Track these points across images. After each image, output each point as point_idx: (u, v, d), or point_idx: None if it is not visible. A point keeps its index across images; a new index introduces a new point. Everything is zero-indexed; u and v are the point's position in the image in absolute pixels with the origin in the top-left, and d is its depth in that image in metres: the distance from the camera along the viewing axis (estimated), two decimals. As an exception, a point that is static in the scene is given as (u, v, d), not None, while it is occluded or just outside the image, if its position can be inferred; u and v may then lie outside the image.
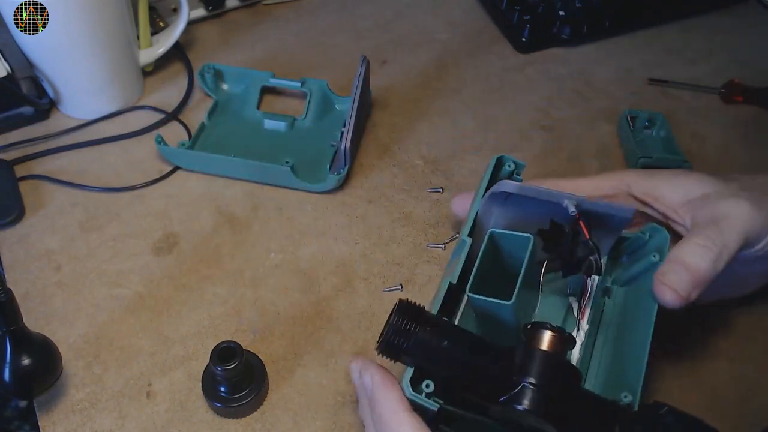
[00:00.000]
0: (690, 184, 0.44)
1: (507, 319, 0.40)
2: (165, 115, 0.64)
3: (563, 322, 0.45)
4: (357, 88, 0.57)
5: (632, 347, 0.40)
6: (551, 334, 0.36)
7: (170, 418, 0.45)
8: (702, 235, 0.41)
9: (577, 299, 0.44)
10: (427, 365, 0.37)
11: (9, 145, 0.60)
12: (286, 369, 0.48)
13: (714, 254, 0.40)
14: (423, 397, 0.37)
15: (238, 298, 0.52)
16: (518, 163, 0.46)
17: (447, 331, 0.37)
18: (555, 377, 0.35)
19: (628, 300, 0.45)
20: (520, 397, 0.34)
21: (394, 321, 0.37)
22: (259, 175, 0.58)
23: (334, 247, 0.55)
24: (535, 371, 0.34)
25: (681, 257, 0.41)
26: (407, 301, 0.38)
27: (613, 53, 0.73)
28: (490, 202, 0.43)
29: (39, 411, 0.45)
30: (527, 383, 0.34)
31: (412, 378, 0.37)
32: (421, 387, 0.37)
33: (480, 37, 0.74)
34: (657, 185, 0.46)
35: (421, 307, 0.38)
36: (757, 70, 0.70)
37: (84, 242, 0.54)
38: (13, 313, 0.40)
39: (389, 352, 0.37)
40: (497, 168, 0.45)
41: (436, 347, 0.36)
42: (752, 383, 0.48)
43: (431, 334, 0.36)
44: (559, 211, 0.41)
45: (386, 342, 0.37)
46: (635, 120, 0.63)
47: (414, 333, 0.36)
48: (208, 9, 0.73)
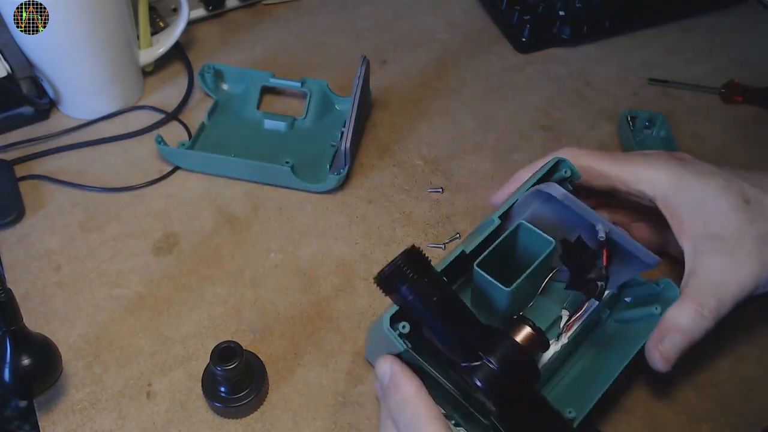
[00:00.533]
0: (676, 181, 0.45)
1: (500, 305, 0.43)
2: (165, 115, 0.64)
3: (547, 328, 0.46)
4: (357, 88, 0.57)
5: (600, 374, 0.43)
6: (530, 331, 0.39)
7: (170, 418, 0.45)
8: (698, 302, 0.43)
9: (570, 314, 0.45)
10: (411, 311, 0.39)
11: (9, 145, 0.60)
12: (286, 369, 0.48)
13: (708, 322, 0.42)
14: (396, 335, 0.38)
15: (238, 298, 0.52)
16: (575, 172, 0.46)
17: (441, 289, 0.39)
18: (514, 367, 0.37)
19: (617, 335, 0.46)
20: (477, 370, 0.37)
21: (398, 261, 0.38)
22: (259, 175, 0.58)
23: (334, 247, 0.55)
24: (499, 354, 0.37)
25: (680, 325, 0.43)
26: (417, 249, 0.39)
27: (613, 53, 0.73)
28: (533, 197, 0.45)
29: (39, 411, 0.45)
30: (488, 361, 0.37)
31: (394, 315, 0.39)
32: (398, 325, 0.39)
33: (480, 37, 0.74)
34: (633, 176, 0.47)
35: (428, 259, 0.39)
36: (757, 70, 0.71)
37: (84, 242, 0.54)
38: (13, 313, 0.40)
39: (383, 285, 0.39)
40: (553, 169, 0.46)
41: (426, 299, 0.38)
42: (753, 382, 0.48)
43: (425, 286, 0.38)
44: (588, 230, 0.43)
45: (383, 276, 0.39)
46: (635, 120, 0.63)
47: (410, 279, 0.38)
48: (208, 9, 0.73)
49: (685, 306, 0.43)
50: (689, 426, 0.46)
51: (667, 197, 0.45)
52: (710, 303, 0.42)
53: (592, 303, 0.44)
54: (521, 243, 0.46)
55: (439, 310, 0.38)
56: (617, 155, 0.48)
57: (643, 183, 0.46)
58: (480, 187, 0.60)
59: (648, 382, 0.48)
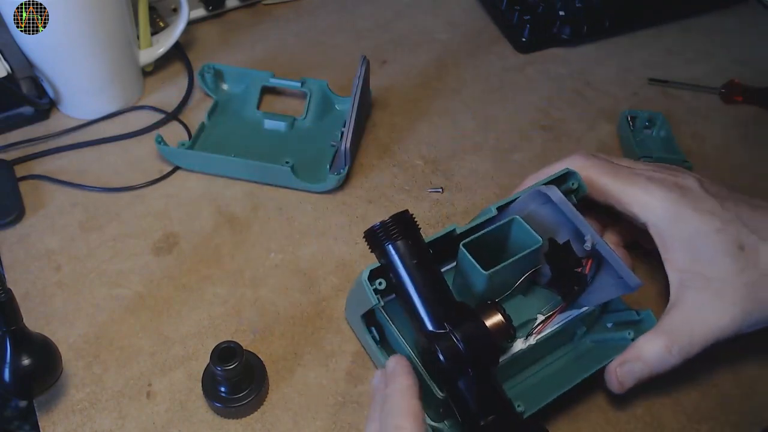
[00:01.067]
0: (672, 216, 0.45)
1: (477, 288, 0.44)
2: (165, 115, 0.64)
3: (520, 325, 0.46)
4: (357, 88, 0.57)
5: (561, 382, 0.44)
6: (500, 318, 0.40)
7: (170, 418, 0.45)
8: (670, 339, 0.43)
9: (544, 318, 0.46)
10: (391, 270, 0.41)
11: (9, 145, 0.60)
12: (286, 369, 0.48)
13: (675, 360, 0.43)
14: (371, 289, 0.41)
15: (238, 298, 0.52)
16: (582, 186, 0.47)
17: (422, 256, 0.41)
18: (476, 346, 0.38)
19: (589, 352, 0.47)
20: (440, 339, 0.38)
21: (388, 220, 0.41)
22: (259, 175, 0.58)
23: (334, 247, 0.55)
24: (464, 329, 0.38)
25: (645, 356, 0.43)
26: (410, 215, 0.41)
27: (613, 53, 0.73)
28: (533, 197, 0.46)
29: (39, 411, 0.45)
30: (453, 333, 0.38)
31: (375, 270, 0.41)
32: (376, 281, 0.41)
33: (480, 37, 0.74)
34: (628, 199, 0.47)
35: (417, 227, 0.42)
36: (757, 70, 0.71)
37: (84, 242, 0.54)
38: (13, 313, 0.40)
39: (369, 240, 0.42)
40: (563, 178, 0.47)
41: (406, 261, 0.40)
42: (753, 382, 0.48)
43: (409, 248, 0.40)
44: (579, 239, 0.44)
45: (371, 232, 0.41)
46: (635, 120, 0.63)
47: (396, 238, 0.40)
48: (208, 9, 0.73)
49: (656, 339, 0.43)
50: (689, 426, 0.46)
51: (658, 226, 0.45)
52: (682, 341, 0.43)
53: (569, 314, 0.45)
54: (513, 238, 0.47)
55: (417, 274, 0.40)
56: (622, 171, 0.48)
57: (636, 206, 0.46)
58: (480, 187, 0.60)
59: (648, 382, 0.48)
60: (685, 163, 0.59)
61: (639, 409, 0.47)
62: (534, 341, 0.44)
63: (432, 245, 0.43)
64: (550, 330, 0.45)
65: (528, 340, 0.44)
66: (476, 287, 0.44)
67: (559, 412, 0.46)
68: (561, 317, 0.45)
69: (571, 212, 0.44)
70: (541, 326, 0.45)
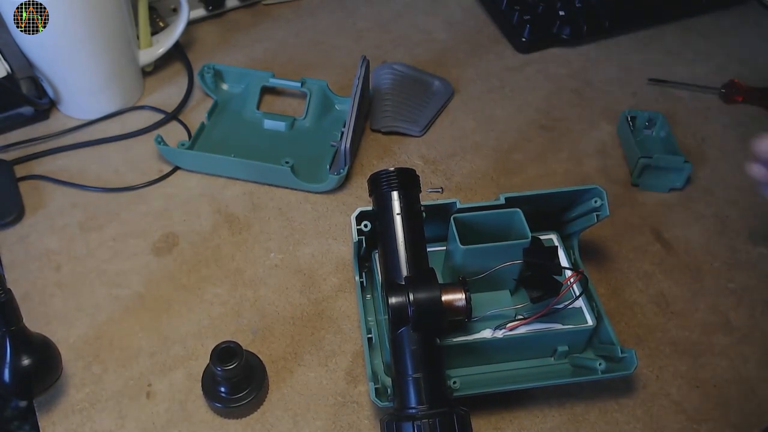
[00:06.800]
0: None
1: (455, 261, 0.46)
2: (165, 115, 0.64)
3: (492, 317, 0.46)
4: (357, 88, 0.57)
5: (517, 380, 0.46)
6: (461, 295, 0.42)
7: (170, 418, 0.45)
8: None
9: (520, 318, 0.46)
10: (380, 216, 0.44)
11: (9, 145, 0.60)
12: (286, 369, 0.48)
13: None
14: (356, 228, 0.46)
15: (237, 298, 0.52)
16: (605, 207, 0.48)
17: (410, 212, 0.44)
18: (425, 312, 0.40)
19: (561, 369, 0.48)
20: (395, 292, 0.41)
21: (392, 169, 0.44)
22: (259, 175, 0.58)
23: (334, 247, 0.55)
24: (419, 295, 0.40)
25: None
26: (416, 175, 0.45)
27: (613, 53, 0.73)
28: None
29: (39, 411, 0.45)
30: (408, 293, 0.40)
31: (364, 212, 0.46)
32: (361, 223, 0.46)
33: (480, 37, 0.74)
34: None
35: (419, 187, 0.45)
36: (757, 70, 0.71)
37: (84, 242, 0.54)
38: (13, 313, 0.40)
39: (371, 184, 0.45)
40: (588, 193, 0.49)
41: (396, 210, 0.43)
42: (753, 382, 0.48)
43: (399, 201, 0.43)
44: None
45: (375, 176, 0.44)
46: (635, 120, 0.63)
47: (391, 189, 0.43)
48: (208, 9, 0.73)
49: None
50: (689, 426, 0.46)
51: None
52: None
53: (546, 326, 0.46)
54: (514, 231, 0.48)
55: (399, 225, 0.43)
56: None
57: None
58: (480, 187, 0.60)
59: (648, 382, 0.48)
60: (685, 163, 0.59)
61: (639, 410, 0.47)
62: (502, 335, 0.45)
63: (431, 211, 0.46)
64: (521, 332, 0.45)
65: (496, 332, 0.45)
66: (455, 261, 0.46)
67: (559, 412, 0.46)
68: (536, 325, 0.46)
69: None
70: (514, 324, 0.45)
